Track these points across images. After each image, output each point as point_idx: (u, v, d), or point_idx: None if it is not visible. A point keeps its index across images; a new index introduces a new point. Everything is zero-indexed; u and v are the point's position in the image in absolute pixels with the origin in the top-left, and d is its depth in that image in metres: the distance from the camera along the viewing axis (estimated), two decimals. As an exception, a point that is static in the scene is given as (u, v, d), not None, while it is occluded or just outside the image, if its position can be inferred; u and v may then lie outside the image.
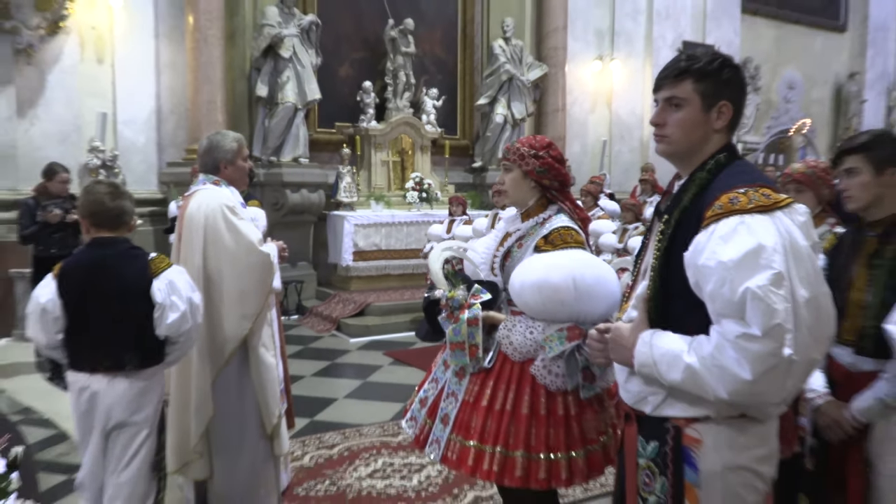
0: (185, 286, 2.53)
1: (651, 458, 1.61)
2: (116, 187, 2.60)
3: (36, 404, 4.70)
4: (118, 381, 2.52)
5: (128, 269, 2.51)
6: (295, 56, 8.30)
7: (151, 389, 2.56)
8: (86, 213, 2.58)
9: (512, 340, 2.37)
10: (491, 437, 2.31)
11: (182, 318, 2.50)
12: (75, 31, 7.53)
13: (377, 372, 5.99)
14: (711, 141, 1.65)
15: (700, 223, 1.51)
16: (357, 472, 3.87)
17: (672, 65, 1.67)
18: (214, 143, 3.22)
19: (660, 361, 1.53)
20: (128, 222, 2.60)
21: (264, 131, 8.45)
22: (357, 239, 8.41)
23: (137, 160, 8.12)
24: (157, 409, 2.59)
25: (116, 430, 2.56)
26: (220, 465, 3.21)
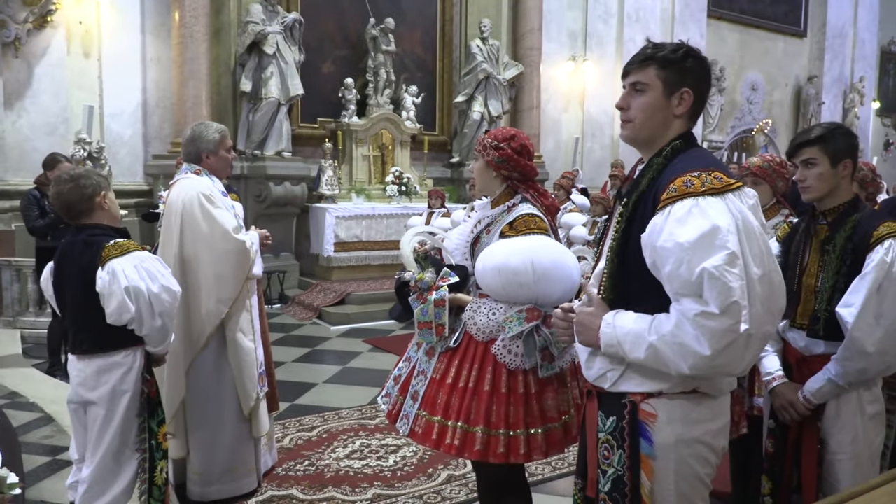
0: (131, 275, 2.41)
1: (609, 432, 1.63)
2: (74, 179, 2.50)
3: (21, 388, 4.62)
4: (80, 361, 2.51)
5: (83, 257, 2.46)
6: (278, 53, 8.22)
7: (111, 370, 2.48)
8: (55, 207, 2.55)
9: (476, 321, 2.38)
10: (454, 413, 2.32)
11: (120, 306, 2.39)
12: (63, 26, 7.38)
13: (356, 358, 5.97)
14: (672, 127, 1.64)
15: (656, 206, 1.52)
16: (335, 452, 3.85)
17: (639, 52, 1.67)
18: (198, 133, 3.19)
19: (623, 341, 1.54)
20: (90, 209, 2.50)
21: (248, 125, 8.36)
22: (338, 230, 8.36)
23: (124, 152, 8.01)
24: (121, 390, 2.48)
25: (84, 408, 2.54)
26: (197, 445, 3.19)
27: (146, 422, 2.55)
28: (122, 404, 2.49)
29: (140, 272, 2.43)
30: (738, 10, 13.90)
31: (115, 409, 2.49)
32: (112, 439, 2.48)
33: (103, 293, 2.41)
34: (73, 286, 2.49)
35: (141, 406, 2.55)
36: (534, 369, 2.33)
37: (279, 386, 4.64)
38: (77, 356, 2.51)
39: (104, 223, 2.54)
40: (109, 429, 2.49)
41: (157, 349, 2.58)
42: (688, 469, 1.56)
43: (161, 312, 2.47)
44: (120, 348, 2.49)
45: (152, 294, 2.44)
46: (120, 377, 2.49)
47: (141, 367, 2.54)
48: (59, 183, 2.50)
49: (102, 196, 2.52)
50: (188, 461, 3.21)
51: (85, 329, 2.49)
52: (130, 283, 2.40)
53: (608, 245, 1.67)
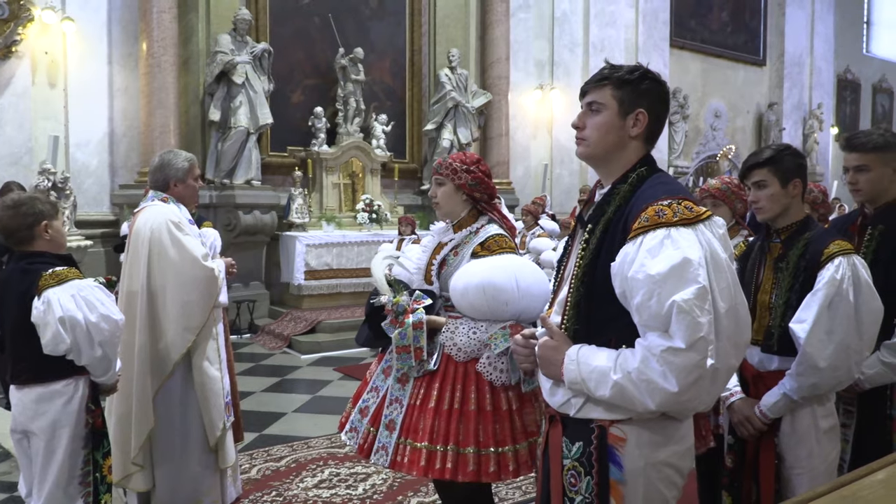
0: (67, 305, 2.38)
1: (576, 458, 1.59)
2: (16, 206, 2.48)
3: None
4: (19, 391, 2.49)
5: (20, 285, 2.44)
6: (247, 82, 8.23)
7: (50, 400, 2.45)
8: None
9: (456, 342, 2.40)
10: (441, 437, 2.32)
11: (55, 336, 2.37)
12: (28, 56, 7.34)
13: (327, 386, 5.92)
14: (628, 148, 1.65)
15: (626, 234, 1.52)
16: (304, 482, 3.81)
17: (597, 73, 1.69)
18: (166, 161, 3.19)
19: (588, 379, 1.52)
20: (31, 237, 2.49)
21: (217, 154, 8.34)
22: (309, 259, 8.33)
23: (90, 182, 7.93)
24: (62, 421, 2.45)
25: (25, 438, 2.52)
26: (162, 477, 3.14)
27: (91, 454, 2.51)
28: (64, 436, 2.45)
29: (77, 301, 2.41)
30: (700, 39, 14.31)
31: (57, 441, 2.45)
32: (58, 472, 2.45)
33: (38, 323, 2.38)
34: (10, 314, 2.46)
35: (85, 438, 2.51)
36: (517, 385, 2.36)
37: (248, 416, 4.61)
38: (16, 386, 2.48)
39: (46, 251, 2.51)
40: (53, 461, 2.46)
41: (101, 379, 2.55)
42: (656, 493, 1.55)
43: (101, 342, 2.45)
44: (60, 378, 2.46)
45: (90, 323, 2.41)
46: (60, 407, 2.46)
47: (84, 397, 2.51)
48: (4, 208, 2.48)
49: (44, 225, 2.50)
50: (153, 494, 3.15)
51: (23, 358, 2.46)
52: (66, 313, 2.37)
53: (570, 272, 1.66)
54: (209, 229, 4.07)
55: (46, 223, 2.52)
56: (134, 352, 3.00)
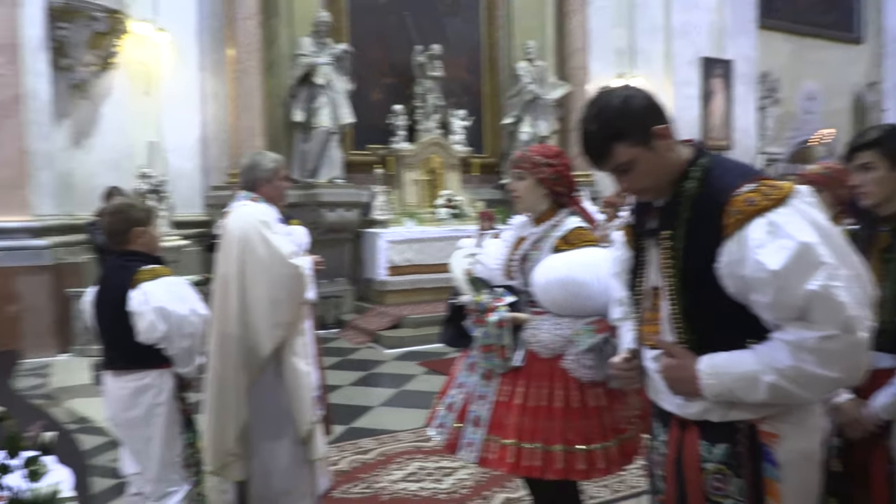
0: (162, 297, 2.59)
1: (721, 461, 1.53)
2: (117, 211, 2.74)
3: (91, 413, 4.79)
4: (115, 379, 2.70)
5: (117, 279, 2.66)
6: (328, 83, 8.43)
7: (145, 391, 2.65)
8: (105, 234, 2.80)
9: (540, 338, 2.36)
10: (528, 434, 2.29)
11: (150, 326, 2.57)
12: (125, 67, 7.75)
13: (412, 381, 5.98)
14: (672, 159, 1.58)
15: (720, 231, 1.45)
16: (391, 475, 3.86)
17: (590, 142, 1.59)
18: (255, 162, 3.32)
19: (736, 388, 1.46)
20: (130, 238, 2.72)
21: (301, 154, 8.57)
22: (391, 255, 8.45)
23: (185, 185, 8.30)
24: (155, 410, 2.66)
25: (124, 427, 2.72)
26: (256, 468, 3.24)
27: (188, 438, 2.76)
28: (159, 424, 2.66)
29: (170, 295, 2.62)
30: (790, 19, 13.61)
31: (154, 429, 2.66)
32: (160, 458, 2.65)
33: (135, 312, 2.59)
34: (108, 305, 2.68)
35: (181, 424, 2.74)
36: (604, 381, 2.31)
37: (336, 409, 4.70)
38: (111, 374, 2.70)
39: (140, 250, 2.74)
40: (153, 448, 2.66)
41: (184, 370, 2.74)
42: (811, 483, 1.52)
43: (189, 333, 2.65)
44: (150, 367, 2.66)
45: (181, 315, 2.62)
46: (152, 398, 2.67)
47: (173, 388, 2.72)
48: (106, 213, 2.77)
49: (140, 230, 2.74)
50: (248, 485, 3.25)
51: (118, 346, 2.69)
52: (160, 304, 2.58)
53: (661, 285, 1.60)
54: (297, 227, 4.17)
55: (142, 228, 2.74)
56: (228, 346, 3.10)
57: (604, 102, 1.58)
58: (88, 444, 4.22)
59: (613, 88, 1.61)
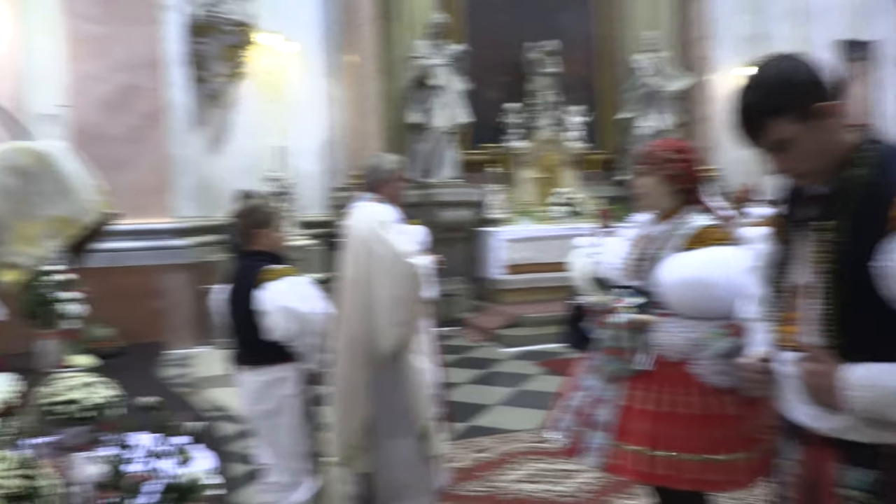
0: (285, 296, 2.70)
1: (864, 489, 1.37)
2: (244, 214, 2.91)
3: (228, 403, 5.08)
4: (247, 374, 2.85)
5: (245, 279, 2.81)
6: (443, 83, 8.53)
7: (276, 384, 2.78)
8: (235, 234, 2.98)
9: (667, 341, 2.25)
10: (655, 441, 2.18)
11: (277, 325, 2.69)
12: (254, 76, 8.19)
13: (530, 380, 5.94)
14: (836, 141, 1.43)
15: (884, 225, 1.30)
16: (509, 475, 3.83)
17: (745, 115, 1.45)
18: (375, 164, 3.45)
19: (888, 405, 1.31)
20: (256, 237, 2.87)
21: (417, 155, 8.73)
22: (507, 253, 8.43)
23: (310, 186, 8.66)
24: (284, 404, 2.78)
25: (259, 417, 2.87)
26: (380, 462, 3.33)
27: (314, 428, 2.89)
28: (287, 416, 2.80)
29: (294, 294, 2.74)
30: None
31: (283, 420, 2.80)
32: (288, 448, 2.77)
33: (261, 311, 2.71)
34: (238, 304, 2.83)
35: (306, 416, 2.87)
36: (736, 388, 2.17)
37: (454, 407, 4.74)
38: (242, 368, 2.85)
39: (266, 250, 2.88)
40: (282, 438, 2.81)
41: (310, 366, 2.87)
42: None
43: (313, 331, 2.76)
44: (277, 362, 2.80)
45: (304, 313, 2.74)
46: (281, 391, 2.80)
47: (299, 381, 2.85)
48: (239, 211, 2.96)
49: (263, 231, 2.89)
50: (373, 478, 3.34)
51: (248, 343, 2.83)
52: (285, 303, 2.70)
53: (816, 284, 1.45)
54: (417, 226, 4.25)
55: (264, 230, 2.90)
56: (353, 343, 3.19)
57: (765, 73, 1.45)
58: (225, 431, 4.48)
59: (779, 57, 1.47)
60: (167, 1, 6.97)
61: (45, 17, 6.50)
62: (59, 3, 6.55)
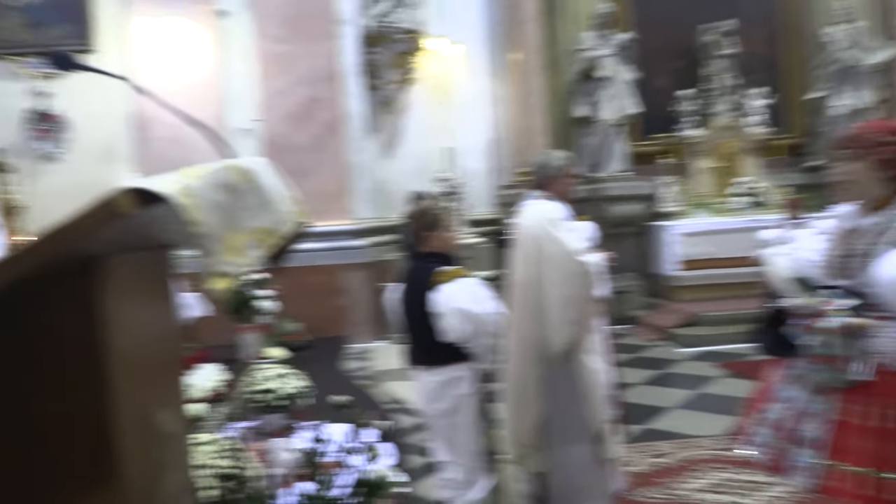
0: (459, 298, 2.71)
1: None
2: (416, 216, 2.97)
3: (404, 396, 5.28)
4: (423, 373, 2.91)
5: (418, 280, 2.86)
6: (610, 74, 8.30)
7: (451, 384, 2.81)
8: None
9: (887, 347, 1.99)
10: (884, 461, 1.95)
11: (452, 327, 2.71)
12: (423, 81, 8.46)
13: (710, 383, 5.59)
14: None
15: None
16: (691, 483, 3.63)
17: None
18: (543, 161, 3.45)
19: None
20: (428, 239, 2.91)
21: (585, 149, 8.55)
22: (682, 248, 8.01)
23: (478, 185, 8.81)
24: (460, 403, 2.81)
25: (436, 416, 2.93)
26: (554, 462, 3.29)
27: (489, 427, 2.89)
28: (463, 415, 2.83)
29: (467, 295, 2.77)
30: None
31: (459, 420, 2.84)
32: (465, 447, 2.79)
33: (436, 313, 2.74)
34: (413, 305, 2.88)
35: (481, 416, 2.88)
36: None
37: (628, 408, 4.58)
38: (418, 368, 2.91)
39: (438, 251, 2.93)
40: (459, 438, 2.84)
41: (484, 366, 2.87)
42: None
43: (486, 332, 2.77)
44: (453, 363, 2.83)
45: (477, 314, 2.75)
46: (457, 391, 2.83)
47: (474, 381, 2.86)
48: (410, 215, 3.05)
49: (439, 229, 2.92)
50: (547, 477, 3.31)
51: (423, 344, 2.88)
52: (459, 305, 2.72)
53: None
54: (586, 222, 4.16)
55: (434, 232, 2.95)
56: (525, 342, 3.18)
57: None
58: (402, 423, 4.66)
59: None
60: (343, 16, 7.40)
61: (239, 42, 7.16)
62: (252, 27, 7.18)
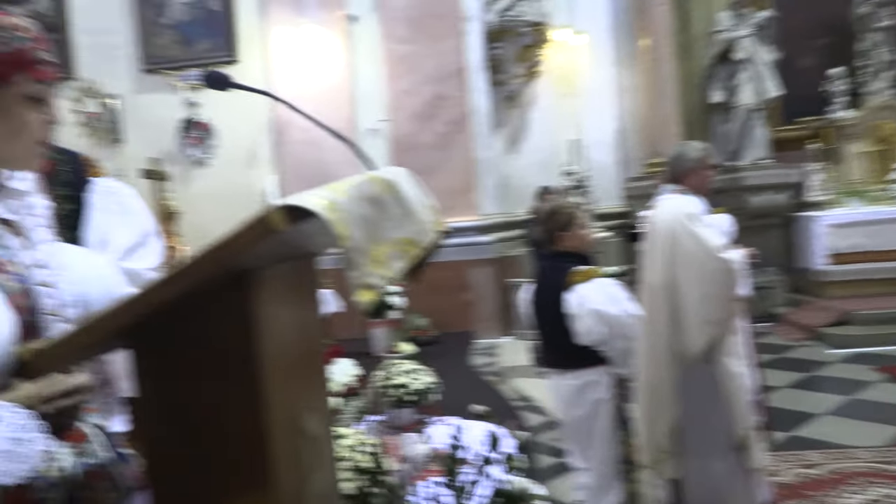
0: (597, 299, 2.61)
1: None
2: (547, 217, 2.89)
3: (533, 394, 5.24)
4: (557, 377, 2.83)
5: (551, 280, 2.78)
6: (749, 56, 7.81)
7: (588, 389, 2.72)
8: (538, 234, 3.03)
9: None
10: None
11: (588, 329, 2.61)
12: (548, 73, 8.35)
13: (866, 389, 5.11)
14: None
15: None
16: (847, 499, 3.34)
17: None
18: (679, 153, 3.28)
19: None
20: (561, 238, 2.83)
21: (721, 137, 8.11)
22: (832, 240, 7.38)
23: (605, 178, 8.58)
24: (597, 409, 2.71)
25: (572, 420, 2.87)
26: (690, 470, 3.14)
27: (623, 436, 2.78)
28: (600, 421, 2.73)
29: (604, 296, 2.66)
30: None
31: (596, 425, 2.74)
32: (600, 453, 2.71)
33: (572, 314, 2.65)
34: (545, 306, 2.82)
35: (618, 421, 2.77)
36: None
37: (774, 414, 4.28)
38: (552, 371, 2.85)
39: (572, 250, 2.83)
40: (594, 444, 2.76)
41: (621, 370, 2.75)
42: None
43: (625, 335, 2.65)
44: (588, 366, 2.73)
45: (617, 316, 2.64)
46: (594, 396, 2.74)
47: (611, 385, 2.75)
48: (540, 215, 2.99)
49: (572, 228, 2.82)
50: (683, 484, 3.17)
51: (557, 346, 2.81)
52: (597, 306, 2.63)
53: None
54: (721, 215, 3.94)
55: (575, 225, 2.86)
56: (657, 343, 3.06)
57: None
58: (531, 421, 4.62)
59: None
60: (468, 13, 7.44)
61: (367, 45, 7.38)
62: (379, 30, 7.37)
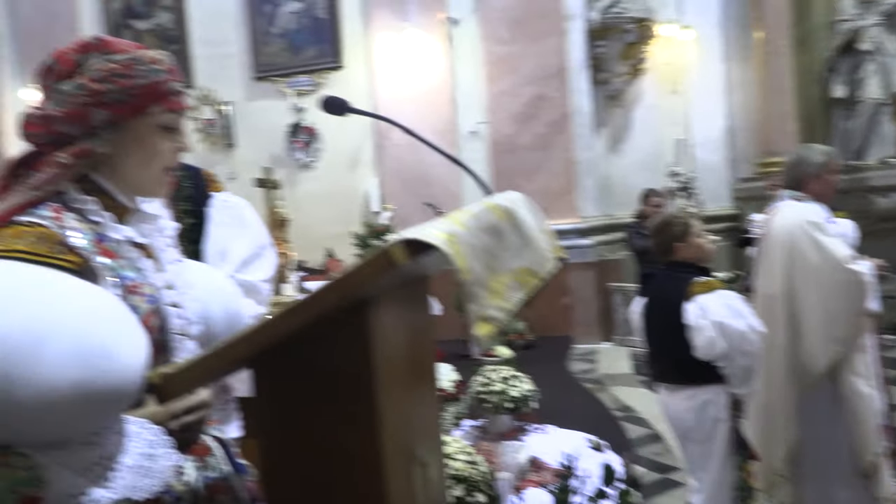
0: (720, 311, 2.45)
1: None
2: (659, 229, 2.75)
3: (633, 404, 5.07)
4: (670, 393, 2.67)
5: (668, 292, 2.62)
6: (876, 46, 7.25)
7: (706, 407, 2.55)
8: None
9: None
10: None
11: (709, 342, 2.45)
12: (652, 70, 8.07)
13: None
14: None
15: None
16: None
17: None
18: (801, 157, 3.06)
19: None
20: (676, 249, 2.67)
21: (844, 134, 7.57)
22: (970, 245, 6.74)
23: (712, 179, 8.20)
24: (714, 430, 2.55)
25: (681, 441, 2.72)
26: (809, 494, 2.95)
27: (739, 459, 2.60)
28: (716, 442, 2.56)
29: (727, 309, 2.48)
30: None
31: (712, 447, 2.57)
32: (716, 476, 2.59)
33: (692, 326, 2.50)
34: (660, 318, 2.67)
35: (734, 444, 2.59)
36: None
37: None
38: (665, 387, 2.70)
39: (689, 260, 2.68)
40: (710, 466, 2.59)
41: (738, 390, 2.56)
42: None
43: (748, 352, 2.47)
44: (705, 383, 2.55)
45: (741, 332, 2.45)
46: (712, 415, 2.56)
47: (728, 405, 2.56)
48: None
49: (688, 238, 2.67)
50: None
51: (671, 360, 2.65)
52: (720, 319, 2.45)
53: None
54: (844, 220, 3.67)
55: (690, 235, 2.70)
56: (775, 360, 2.88)
57: None
58: (632, 433, 4.47)
59: None
60: (570, 11, 7.31)
61: (468, 47, 7.39)
62: (479, 32, 7.37)
